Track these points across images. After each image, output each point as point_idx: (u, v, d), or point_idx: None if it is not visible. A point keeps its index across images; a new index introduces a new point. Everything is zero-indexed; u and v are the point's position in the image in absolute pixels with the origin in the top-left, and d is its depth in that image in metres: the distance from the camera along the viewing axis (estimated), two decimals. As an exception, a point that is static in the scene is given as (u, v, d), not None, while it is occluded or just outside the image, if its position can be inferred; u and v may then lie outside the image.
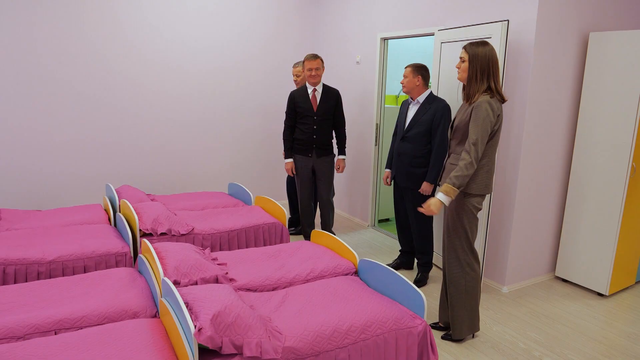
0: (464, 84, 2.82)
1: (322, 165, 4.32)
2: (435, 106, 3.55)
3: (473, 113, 2.68)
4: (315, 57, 4.15)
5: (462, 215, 2.80)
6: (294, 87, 5.88)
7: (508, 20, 3.30)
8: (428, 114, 3.57)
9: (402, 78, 3.62)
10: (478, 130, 2.64)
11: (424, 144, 3.61)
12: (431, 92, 3.64)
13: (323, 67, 4.21)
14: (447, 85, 3.87)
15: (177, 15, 5.01)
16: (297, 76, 4.75)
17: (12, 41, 4.27)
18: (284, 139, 4.37)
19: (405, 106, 3.77)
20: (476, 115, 2.65)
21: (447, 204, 2.71)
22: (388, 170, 3.99)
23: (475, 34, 3.53)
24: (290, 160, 4.38)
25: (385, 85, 5.00)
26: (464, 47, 2.75)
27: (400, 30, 4.60)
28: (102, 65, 4.71)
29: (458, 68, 2.79)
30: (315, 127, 4.23)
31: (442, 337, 3.06)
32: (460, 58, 2.76)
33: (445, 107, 3.54)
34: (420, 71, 3.56)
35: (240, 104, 5.60)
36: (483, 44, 2.69)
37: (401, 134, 3.73)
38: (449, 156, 2.93)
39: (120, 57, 4.79)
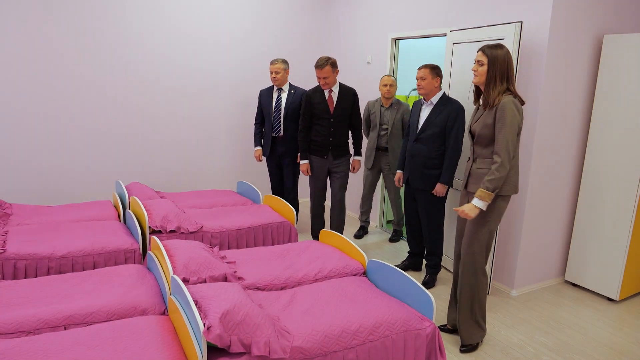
0: (475, 87, 2.78)
1: (338, 167, 4.24)
2: (449, 107, 3.52)
3: (498, 114, 2.61)
4: (323, 65, 3.94)
5: (492, 217, 2.74)
6: (304, 87, 5.88)
7: (521, 22, 3.27)
8: (442, 115, 3.53)
9: (416, 79, 3.56)
10: (507, 131, 2.59)
11: (438, 145, 3.58)
12: (444, 93, 3.61)
13: (336, 70, 4.02)
14: (459, 86, 3.85)
15: (187, 13, 5.02)
16: (277, 73, 4.45)
17: (25, 38, 4.30)
18: (299, 140, 4.25)
19: (417, 107, 3.73)
20: (502, 116, 2.59)
21: (484, 208, 2.65)
22: (400, 171, 3.96)
23: (488, 35, 3.50)
24: (306, 161, 4.29)
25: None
26: (482, 50, 2.66)
27: (411, 31, 4.58)
28: (112, 62, 4.73)
29: (475, 71, 2.70)
30: (331, 129, 4.13)
31: (461, 351, 2.94)
32: (478, 61, 2.67)
33: (460, 109, 3.51)
34: (439, 72, 3.53)
35: (250, 102, 5.60)
36: (500, 46, 2.63)
37: (414, 136, 3.67)
38: (474, 161, 2.84)
39: (131, 54, 4.81)
